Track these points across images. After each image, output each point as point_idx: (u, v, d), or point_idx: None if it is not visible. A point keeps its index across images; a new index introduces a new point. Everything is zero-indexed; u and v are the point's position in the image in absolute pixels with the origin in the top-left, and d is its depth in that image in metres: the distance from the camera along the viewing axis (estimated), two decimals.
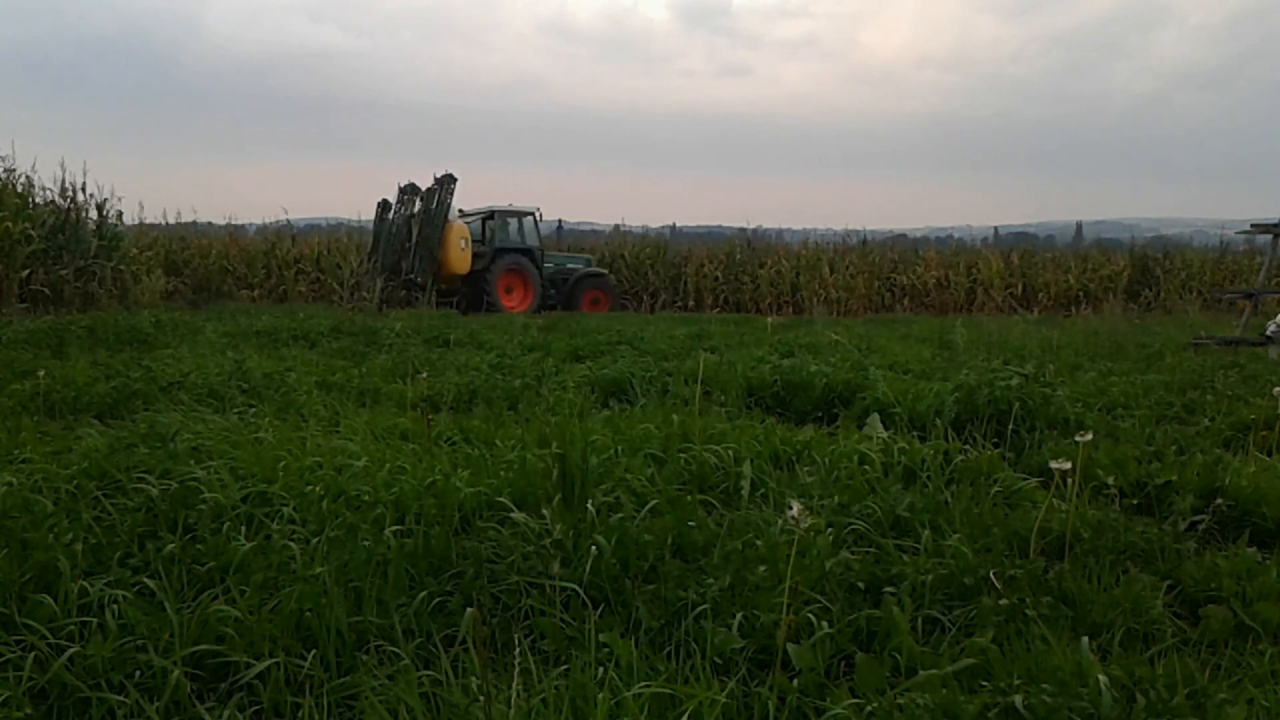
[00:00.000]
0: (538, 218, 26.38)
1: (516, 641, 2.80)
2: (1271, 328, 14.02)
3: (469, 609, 2.90)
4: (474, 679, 2.81)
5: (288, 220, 32.70)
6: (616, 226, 40.04)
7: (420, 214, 24.94)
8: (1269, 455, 6.08)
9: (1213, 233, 38.09)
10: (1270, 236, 14.87)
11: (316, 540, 3.99)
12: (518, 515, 4.25)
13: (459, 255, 24.56)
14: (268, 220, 33.97)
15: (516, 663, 2.62)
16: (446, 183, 24.73)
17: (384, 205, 25.94)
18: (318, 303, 26.13)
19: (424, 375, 7.82)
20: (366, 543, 3.91)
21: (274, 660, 3.06)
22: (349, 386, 8.81)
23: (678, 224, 49.53)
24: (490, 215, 25.86)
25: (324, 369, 9.97)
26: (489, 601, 3.64)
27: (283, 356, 11.21)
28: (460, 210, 25.96)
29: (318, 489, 4.68)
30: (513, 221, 25.83)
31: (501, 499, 4.55)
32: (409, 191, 25.27)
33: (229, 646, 3.17)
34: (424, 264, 24.56)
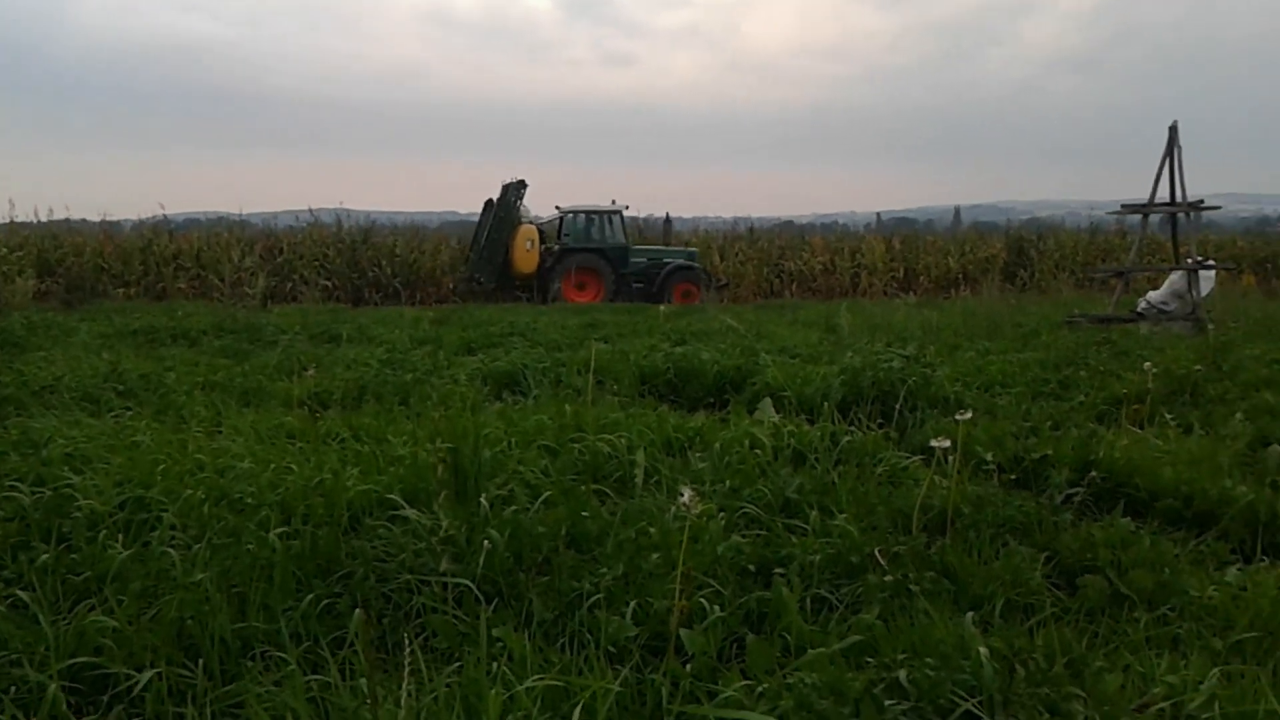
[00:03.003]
0: (623, 216, 27.49)
1: (407, 641, 2.77)
2: (1142, 304, 14.62)
3: (357, 610, 2.85)
4: (363, 681, 2.77)
5: (165, 215, 31.59)
6: None
7: (492, 217, 26.41)
8: (1141, 428, 6.35)
9: (1084, 214, 39.50)
10: (1140, 216, 15.43)
11: (198, 546, 3.87)
12: (409, 512, 4.20)
13: (525, 255, 26.02)
14: (144, 216, 32.72)
15: (406, 662, 2.59)
16: (517, 187, 26.39)
17: (489, 205, 27.01)
18: (198, 300, 25.35)
19: (311, 372, 7.65)
20: (250, 546, 3.82)
21: (155, 671, 2.98)
22: (232, 386, 8.58)
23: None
24: (566, 216, 27.15)
25: (205, 368, 9.69)
26: (380, 601, 3.59)
27: (162, 356, 10.86)
28: (557, 207, 27.38)
29: (199, 493, 4.54)
30: (595, 220, 26.96)
31: (392, 496, 4.48)
32: (504, 192, 26.61)
33: (108, 658, 3.07)
34: (487, 264, 26.19)
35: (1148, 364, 7.37)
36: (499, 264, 26.28)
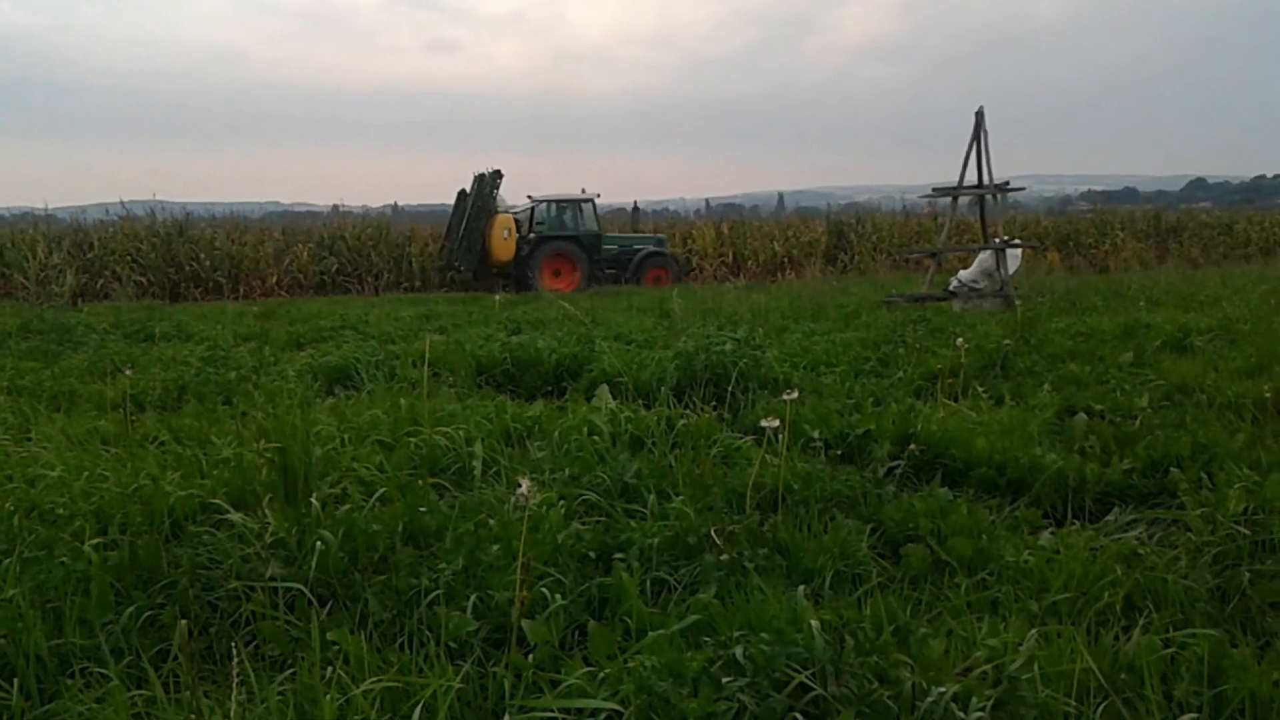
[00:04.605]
0: (596, 205, 28.14)
1: (235, 650, 2.67)
2: (954, 283, 15.34)
3: (182, 621, 2.74)
4: (188, 694, 2.67)
5: None
6: (335, 207, 38.54)
7: (469, 207, 26.76)
8: (955, 401, 6.68)
9: (898, 198, 41.09)
10: (950, 199, 16.17)
11: (8, 560, 3.64)
12: (234, 516, 4.05)
13: (502, 244, 26.40)
14: None
15: (235, 672, 2.50)
16: (493, 177, 26.73)
17: (462, 195, 27.44)
18: (2, 300, 23.77)
19: (126, 373, 7.26)
20: (64, 559, 3.61)
21: None
22: (41, 389, 8.12)
23: (399, 203, 48.30)
24: (539, 205, 27.67)
25: (12, 372, 9.10)
26: (206, 611, 3.46)
27: None
28: (529, 196, 27.92)
29: (7, 504, 4.27)
30: (568, 209, 27.57)
31: (217, 500, 4.31)
32: (479, 182, 26.97)
33: None
34: (466, 253, 26.59)
35: (960, 340, 7.76)
36: (478, 253, 26.65)
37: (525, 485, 3.16)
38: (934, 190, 16.76)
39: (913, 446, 5.28)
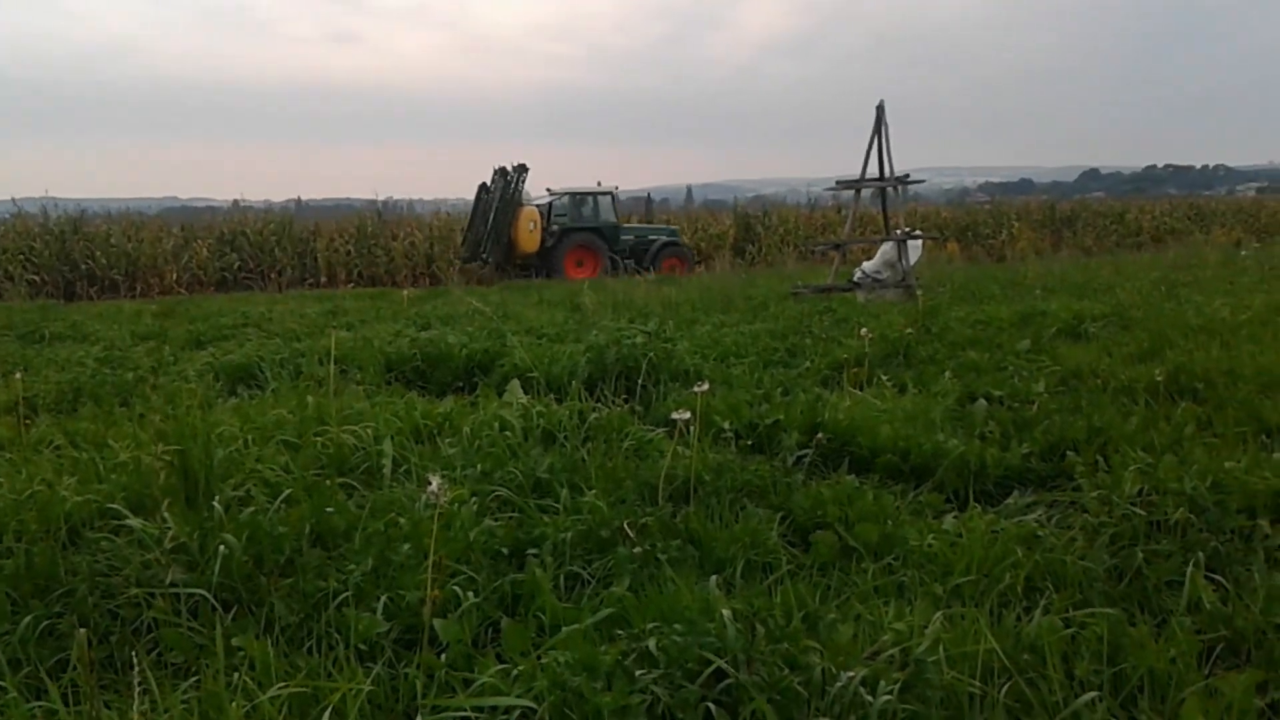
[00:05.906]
0: (615, 197, 29.33)
1: (136, 658, 2.60)
2: (858, 274, 15.61)
3: (81, 630, 2.65)
4: (87, 705, 2.58)
5: None
6: (235, 202, 37.64)
7: (495, 199, 27.51)
8: (860, 389, 6.79)
9: (804, 190, 41.76)
10: (853, 192, 16.44)
11: None
12: (134, 521, 3.93)
13: (528, 236, 27.33)
14: None
15: (136, 681, 2.43)
16: (520, 171, 27.50)
17: (483, 188, 28.22)
18: None
19: (18, 375, 7.00)
20: None
21: None
22: None
23: (303, 197, 47.33)
24: (558, 198, 28.86)
25: None
26: (106, 619, 3.36)
27: None
28: (548, 189, 29.10)
29: None
30: (588, 201, 28.73)
31: (115, 505, 4.18)
32: (501, 175, 27.74)
33: None
34: (494, 245, 27.30)
35: (865, 330, 7.90)
36: (505, 244, 27.41)
37: (436, 482, 3.14)
38: (838, 183, 17.01)
39: (820, 435, 5.34)
